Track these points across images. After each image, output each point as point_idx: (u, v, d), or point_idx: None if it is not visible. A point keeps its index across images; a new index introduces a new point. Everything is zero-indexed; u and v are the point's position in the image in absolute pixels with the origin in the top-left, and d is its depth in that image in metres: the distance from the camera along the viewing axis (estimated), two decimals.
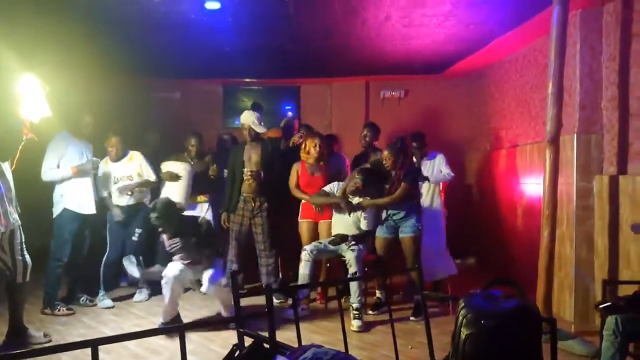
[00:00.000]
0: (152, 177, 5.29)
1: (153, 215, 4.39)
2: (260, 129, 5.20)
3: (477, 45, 5.73)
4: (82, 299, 5.03)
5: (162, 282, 4.30)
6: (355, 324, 4.42)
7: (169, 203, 4.52)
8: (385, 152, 4.78)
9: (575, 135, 4.31)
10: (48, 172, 4.77)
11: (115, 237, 5.22)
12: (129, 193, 5.17)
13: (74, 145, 4.87)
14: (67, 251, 4.81)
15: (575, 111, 4.32)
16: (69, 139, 4.87)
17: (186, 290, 5.18)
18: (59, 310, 4.71)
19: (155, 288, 5.04)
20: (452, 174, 5.30)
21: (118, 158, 5.21)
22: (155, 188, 5.43)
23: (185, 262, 4.40)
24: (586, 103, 4.30)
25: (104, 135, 5.23)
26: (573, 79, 4.33)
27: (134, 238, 5.22)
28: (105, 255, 5.19)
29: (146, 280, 5.07)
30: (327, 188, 4.97)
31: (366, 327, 4.43)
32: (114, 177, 5.18)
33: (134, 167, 5.24)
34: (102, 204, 5.15)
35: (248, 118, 5.19)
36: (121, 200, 5.19)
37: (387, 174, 4.77)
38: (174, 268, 4.32)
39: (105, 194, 5.18)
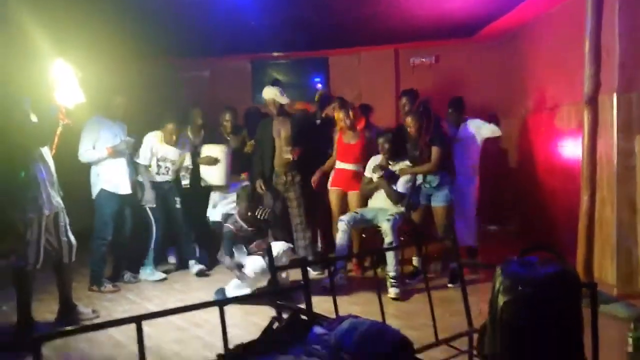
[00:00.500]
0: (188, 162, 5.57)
1: (244, 192, 4.73)
2: (284, 100, 5.22)
3: (508, 5, 5.53)
4: (125, 276, 5.21)
5: (250, 273, 4.37)
6: (392, 291, 4.46)
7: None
8: (408, 119, 4.73)
9: (615, 94, 4.14)
10: (84, 154, 4.91)
11: (157, 215, 5.31)
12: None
13: (107, 127, 4.97)
14: (110, 230, 4.97)
15: (614, 70, 4.14)
16: (102, 122, 4.97)
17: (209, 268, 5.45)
18: (105, 288, 4.89)
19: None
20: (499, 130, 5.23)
21: (174, 144, 5.36)
22: (193, 169, 5.58)
23: (271, 240, 4.59)
24: (626, 61, 4.11)
25: (137, 116, 5.34)
26: (612, 37, 4.14)
27: (177, 206, 5.45)
28: (153, 237, 5.28)
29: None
30: (367, 169, 5.00)
31: (403, 296, 4.47)
32: (161, 155, 5.31)
33: (179, 153, 5.43)
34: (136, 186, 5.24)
35: (270, 92, 5.21)
36: (159, 177, 5.34)
37: (406, 134, 4.78)
38: (258, 264, 4.40)
39: (142, 163, 5.26)
